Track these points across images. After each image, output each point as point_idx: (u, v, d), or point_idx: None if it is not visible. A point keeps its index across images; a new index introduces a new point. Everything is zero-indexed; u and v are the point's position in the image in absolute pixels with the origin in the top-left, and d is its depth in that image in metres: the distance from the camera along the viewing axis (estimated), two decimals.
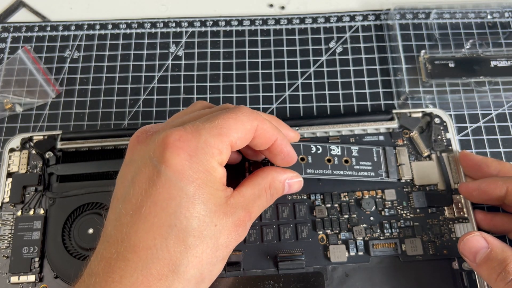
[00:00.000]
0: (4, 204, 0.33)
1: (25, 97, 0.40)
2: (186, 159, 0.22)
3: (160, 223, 0.22)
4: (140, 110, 0.39)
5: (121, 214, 0.22)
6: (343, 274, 0.30)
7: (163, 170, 0.22)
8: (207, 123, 0.24)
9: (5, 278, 0.31)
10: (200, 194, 0.23)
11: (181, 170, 0.22)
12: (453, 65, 0.39)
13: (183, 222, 0.22)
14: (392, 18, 0.42)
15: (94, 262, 0.22)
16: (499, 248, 0.26)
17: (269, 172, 0.27)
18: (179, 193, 0.22)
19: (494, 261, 0.25)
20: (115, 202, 0.24)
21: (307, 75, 0.40)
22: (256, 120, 0.25)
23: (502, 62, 0.39)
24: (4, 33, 0.43)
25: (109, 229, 0.23)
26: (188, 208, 0.22)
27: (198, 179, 0.23)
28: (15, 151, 0.35)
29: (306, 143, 0.33)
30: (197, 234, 0.22)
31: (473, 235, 0.27)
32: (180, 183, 0.22)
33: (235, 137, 0.24)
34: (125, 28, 0.43)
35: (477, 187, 0.29)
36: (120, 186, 0.24)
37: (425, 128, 0.35)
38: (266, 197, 0.27)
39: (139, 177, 0.23)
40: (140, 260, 0.21)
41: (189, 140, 0.23)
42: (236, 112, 0.24)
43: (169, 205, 0.22)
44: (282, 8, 0.44)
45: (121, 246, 0.22)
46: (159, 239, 0.22)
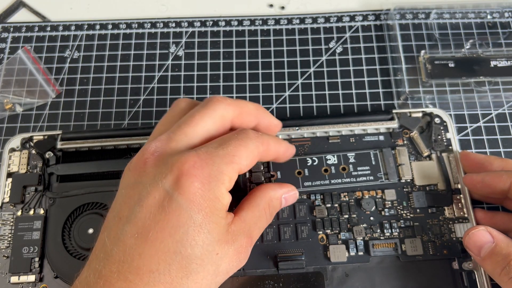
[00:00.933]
0: (4, 204, 0.33)
1: (25, 97, 0.40)
2: (199, 187, 0.23)
3: (165, 249, 0.22)
4: (140, 110, 0.39)
5: (125, 235, 0.22)
6: (343, 274, 0.30)
7: (176, 196, 0.22)
8: (220, 149, 0.24)
9: (5, 278, 0.31)
10: (206, 223, 0.23)
11: (193, 198, 0.23)
12: (453, 65, 0.39)
13: (188, 250, 0.22)
14: (392, 18, 0.42)
15: (91, 277, 0.22)
16: (504, 243, 0.26)
17: (266, 191, 0.28)
18: (188, 221, 0.22)
19: (498, 255, 0.26)
20: (116, 221, 0.23)
21: (307, 75, 0.40)
22: (262, 145, 0.26)
23: (502, 62, 0.39)
24: (4, 33, 0.43)
25: (109, 247, 0.23)
26: (194, 237, 0.22)
27: (207, 207, 0.23)
28: (15, 151, 0.35)
29: (302, 157, 0.34)
30: (199, 261, 0.23)
31: (478, 229, 0.27)
32: (190, 211, 0.22)
33: (244, 164, 0.25)
34: (125, 28, 0.43)
35: (482, 180, 0.30)
36: (123, 206, 0.24)
37: (425, 128, 0.35)
38: (266, 217, 0.27)
39: (147, 201, 0.23)
40: (141, 282, 0.21)
41: (203, 168, 0.23)
42: (245, 139, 0.25)
43: (177, 232, 0.22)
44: (282, 8, 0.44)
45: (122, 266, 0.22)
46: (163, 264, 0.22)
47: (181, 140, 0.25)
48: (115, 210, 0.24)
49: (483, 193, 0.31)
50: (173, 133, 0.25)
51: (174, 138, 0.25)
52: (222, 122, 0.26)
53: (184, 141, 0.25)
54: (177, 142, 0.25)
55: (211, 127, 0.26)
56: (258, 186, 0.28)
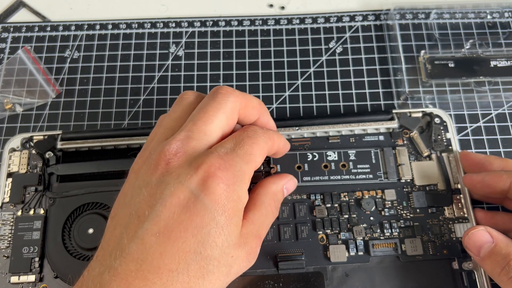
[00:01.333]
0: (4, 204, 0.33)
1: (25, 97, 0.40)
2: (224, 188, 0.23)
3: (187, 249, 0.22)
4: (140, 110, 0.39)
5: (145, 233, 0.22)
6: (343, 274, 0.30)
7: (202, 197, 0.22)
8: (238, 149, 0.25)
9: (5, 278, 0.31)
10: (228, 225, 0.23)
11: (218, 199, 0.23)
12: (453, 65, 0.39)
13: (208, 250, 0.22)
14: (392, 18, 0.42)
15: (106, 274, 0.22)
16: (504, 243, 0.26)
17: (268, 186, 0.28)
18: (211, 222, 0.22)
19: (498, 255, 0.26)
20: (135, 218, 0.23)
21: (307, 75, 0.40)
22: (269, 140, 0.27)
23: (502, 62, 0.39)
24: (4, 33, 0.43)
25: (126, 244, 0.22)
26: (215, 238, 0.23)
27: (230, 208, 0.23)
28: (15, 151, 0.35)
29: (302, 152, 0.34)
30: (216, 263, 0.23)
31: (478, 229, 0.27)
32: (214, 212, 0.23)
33: (259, 162, 0.26)
34: (125, 28, 0.43)
35: (482, 179, 0.30)
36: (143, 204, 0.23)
37: (425, 128, 0.35)
38: (273, 212, 0.28)
39: (171, 200, 0.23)
40: (160, 282, 0.21)
41: (227, 169, 0.23)
42: (256, 136, 0.26)
43: (200, 232, 0.22)
44: (282, 8, 0.44)
45: (141, 265, 0.22)
46: (182, 264, 0.22)
47: (201, 138, 0.25)
48: (132, 207, 0.23)
49: (483, 193, 0.31)
50: (191, 131, 0.25)
51: (194, 137, 0.25)
52: (232, 115, 0.26)
53: (203, 139, 0.25)
54: (197, 141, 0.25)
55: (224, 123, 0.26)
56: (259, 183, 0.29)
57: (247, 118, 0.28)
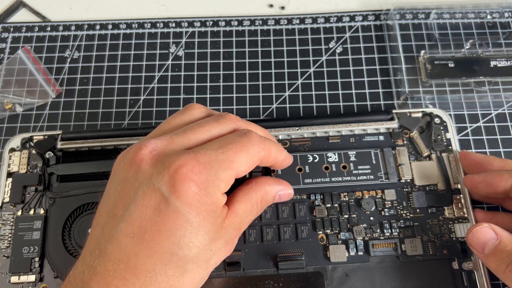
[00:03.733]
0: (4, 204, 0.33)
1: (25, 97, 0.40)
2: (196, 192, 0.22)
3: (162, 250, 0.22)
4: (140, 110, 0.39)
5: (120, 233, 0.22)
6: (343, 274, 0.30)
7: (172, 200, 0.22)
8: (219, 153, 0.24)
9: (5, 278, 0.31)
10: (204, 225, 0.23)
11: (190, 202, 0.22)
12: (453, 65, 0.39)
13: (185, 251, 0.22)
14: (392, 18, 0.42)
15: (86, 274, 0.22)
16: (508, 240, 0.26)
17: (262, 185, 0.27)
18: (185, 224, 0.22)
19: (503, 252, 0.25)
20: (111, 217, 0.23)
21: (307, 75, 0.40)
22: (263, 151, 0.26)
23: (502, 62, 0.39)
24: (4, 33, 0.43)
25: (103, 244, 0.22)
26: (191, 239, 0.22)
27: (204, 211, 0.23)
28: (15, 151, 0.35)
29: (303, 154, 0.34)
30: (194, 260, 0.23)
31: (482, 226, 0.27)
32: (187, 215, 0.22)
33: (242, 170, 0.25)
34: (125, 28, 0.43)
35: (483, 180, 0.30)
36: (118, 202, 0.23)
37: (425, 128, 0.35)
38: (257, 211, 0.27)
39: (144, 201, 0.22)
40: (138, 281, 0.22)
41: (201, 172, 0.23)
42: (246, 143, 0.25)
43: (174, 234, 0.22)
44: (282, 8, 0.44)
45: (118, 265, 0.22)
46: (159, 265, 0.22)
47: (182, 143, 0.24)
48: (109, 205, 0.24)
49: (484, 194, 0.30)
50: (177, 135, 0.25)
51: (176, 141, 0.24)
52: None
53: (184, 144, 0.25)
54: (176, 144, 0.24)
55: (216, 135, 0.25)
56: (255, 177, 0.28)
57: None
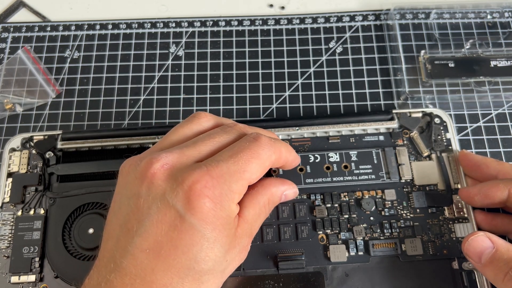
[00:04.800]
0: (5, 204, 0.33)
1: (25, 97, 0.40)
2: (211, 207, 0.22)
3: (179, 265, 0.22)
4: (140, 110, 0.39)
5: (135, 248, 0.22)
6: (343, 274, 0.30)
7: (188, 217, 0.22)
8: (230, 164, 0.24)
9: (5, 278, 0.31)
10: (219, 238, 0.23)
11: (205, 218, 0.22)
12: (453, 65, 0.39)
13: (201, 265, 0.22)
14: (392, 18, 0.42)
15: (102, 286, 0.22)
16: (505, 248, 0.25)
17: (268, 187, 0.27)
18: (201, 240, 0.22)
19: (500, 261, 0.25)
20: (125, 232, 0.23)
21: (307, 75, 0.40)
22: (274, 154, 0.26)
23: (502, 62, 0.39)
24: (4, 33, 0.43)
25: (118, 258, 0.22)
26: (208, 253, 0.23)
27: (220, 225, 0.23)
28: (15, 151, 0.35)
29: (304, 154, 0.34)
30: (211, 272, 0.23)
31: (477, 235, 0.26)
32: (203, 231, 0.22)
33: (254, 178, 0.25)
34: (125, 28, 0.43)
35: (478, 192, 0.29)
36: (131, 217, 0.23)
37: (425, 128, 0.35)
38: (266, 213, 0.27)
39: (158, 217, 0.22)
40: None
41: (214, 187, 0.23)
42: (257, 149, 0.25)
43: (190, 250, 0.22)
44: (282, 8, 0.44)
45: (135, 280, 0.22)
46: (176, 279, 0.22)
47: (193, 156, 0.24)
48: (120, 218, 0.23)
49: (481, 205, 0.30)
50: (187, 148, 0.25)
51: (187, 154, 0.24)
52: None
53: (196, 157, 0.24)
54: (188, 157, 0.24)
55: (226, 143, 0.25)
56: (260, 180, 0.28)
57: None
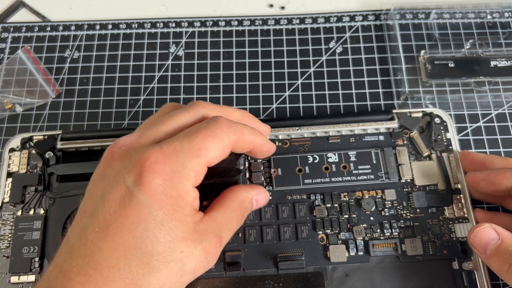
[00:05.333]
0: (4, 204, 0.33)
1: (25, 97, 0.40)
2: (160, 183, 0.22)
3: (125, 244, 0.22)
4: (140, 110, 0.39)
5: (87, 229, 0.22)
6: (343, 274, 0.30)
7: (136, 192, 0.22)
8: (185, 143, 0.23)
9: (5, 278, 0.31)
10: (168, 220, 0.22)
11: (154, 194, 0.22)
12: (453, 65, 0.39)
13: (148, 246, 0.22)
14: (392, 18, 0.42)
15: (53, 273, 0.22)
16: (510, 239, 0.26)
17: (238, 192, 0.27)
18: (148, 218, 0.22)
19: (505, 252, 0.25)
20: (81, 215, 0.23)
21: (307, 75, 0.40)
22: (234, 134, 0.25)
23: (502, 62, 0.39)
24: (4, 33, 0.43)
25: (72, 241, 0.23)
26: (155, 233, 0.22)
27: (169, 204, 0.22)
28: (15, 151, 0.35)
29: (303, 154, 0.34)
30: (161, 258, 0.22)
31: (483, 226, 0.26)
32: (150, 208, 0.22)
33: (212, 156, 0.24)
34: (125, 28, 0.43)
35: (485, 177, 0.29)
36: (89, 199, 0.24)
37: (425, 128, 0.35)
38: (237, 218, 0.27)
39: (109, 195, 0.22)
40: (101, 277, 0.21)
41: (166, 163, 0.22)
42: (214, 128, 0.24)
43: (137, 228, 0.22)
44: (282, 8, 0.44)
45: (83, 261, 0.22)
46: (123, 260, 0.22)
47: (151, 136, 0.24)
48: (82, 203, 0.24)
49: (486, 191, 0.30)
50: (146, 130, 0.25)
51: (146, 134, 0.25)
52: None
53: (153, 137, 0.24)
54: (146, 138, 0.24)
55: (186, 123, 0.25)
56: (230, 187, 0.28)
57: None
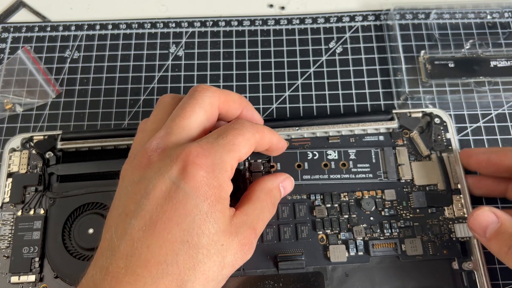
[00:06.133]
0: (5, 204, 0.33)
1: (25, 97, 0.40)
2: (204, 175, 0.23)
3: (173, 239, 0.22)
4: (140, 110, 0.39)
5: (133, 229, 0.22)
6: (343, 274, 0.30)
7: (182, 185, 0.23)
8: (220, 139, 0.25)
9: (5, 278, 0.31)
10: (212, 212, 0.23)
11: (199, 186, 0.23)
12: (453, 65, 0.39)
13: (195, 238, 0.22)
14: (392, 18, 0.42)
15: (98, 275, 0.22)
16: (509, 222, 0.26)
17: (264, 183, 0.29)
18: (194, 210, 0.22)
19: (505, 234, 0.26)
20: (123, 217, 0.23)
21: (307, 75, 0.40)
22: (258, 133, 0.27)
23: (502, 62, 0.39)
24: (4, 33, 0.43)
25: (116, 243, 0.22)
26: (201, 225, 0.23)
27: (212, 195, 0.23)
28: (15, 151, 0.35)
29: (302, 150, 0.34)
30: (205, 252, 0.23)
31: (483, 210, 0.27)
32: (196, 200, 0.23)
33: (243, 152, 0.25)
34: (125, 29, 0.43)
35: (488, 158, 0.30)
36: (129, 201, 0.24)
37: (425, 128, 0.35)
38: (268, 208, 0.28)
39: (154, 193, 0.23)
40: (150, 275, 0.21)
41: (206, 157, 0.24)
42: (242, 128, 0.26)
43: (184, 220, 0.22)
44: (282, 9, 0.44)
45: (131, 261, 0.22)
46: (171, 255, 0.22)
47: (180, 133, 0.25)
48: (120, 207, 0.24)
49: (487, 172, 0.31)
50: (170, 128, 0.25)
51: (173, 132, 0.25)
52: (211, 110, 0.27)
53: (183, 134, 0.25)
54: (176, 135, 0.25)
55: (203, 118, 0.26)
56: (255, 180, 0.29)
57: (230, 113, 0.28)
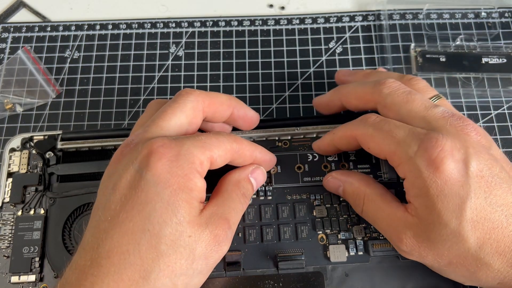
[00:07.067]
0: (5, 204, 0.33)
1: (25, 97, 0.40)
2: (166, 163, 0.23)
3: (134, 227, 0.22)
4: (140, 110, 0.39)
5: (100, 221, 0.22)
6: (343, 274, 0.30)
7: (144, 174, 0.23)
8: (190, 137, 0.25)
9: (5, 278, 0.31)
10: (174, 201, 0.23)
11: (160, 173, 0.23)
12: (452, 65, 0.39)
13: (156, 227, 0.22)
14: (392, 18, 0.42)
15: (69, 272, 0.22)
16: (347, 182, 0.30)
17: (231, 175, 0.28)
18: (155, 197, 0.22)
19: (346, 192, 0.30)
20: (94, 212, 0.24)
21: (307, 75, 0.40)
22: (235, 143, 0.26)
23: (501, 61, 0.39)
24: (4, 33, 0.43)
25: (86, 237, 0.23)
26: (162, 214, 0.22)
27: (175, 183, 0.23)
28: (15, 151, 0.35)
29: (302, 152, 0.34)
30: (169, 242, 0.22)
31: (327, 178, 0.31)
32: (157, 187, 0.22)
33: (216, 154, 0.25)
34: (125, 29, 0.43)
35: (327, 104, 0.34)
36: (101, 196, 0.24)
37: None
38: (238, 198, 0.27)
39: (120, 183, 0.23)
40: (112, 266, 0.21)
41: (172, 147, 0.23)
42: (218, 134, 0.26)
43: (145, 208, 0.22)
44: (282, 9, 0.44)
45: (96, 253, 0.22)
46: (132, 244, 0.22)
47: (157, 132, 0.25)
48: (96, 203, 0.24)
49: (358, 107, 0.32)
50: (148, 126, 0.26)
51: (150, 130, 0.25)
52: (193, 114, 0.27)
53: (160, 133, 0.25)
54: (152, 133, 0.25)
55: (184, 121, 0.26)
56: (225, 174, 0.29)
57: (218, 115, 0.28)
